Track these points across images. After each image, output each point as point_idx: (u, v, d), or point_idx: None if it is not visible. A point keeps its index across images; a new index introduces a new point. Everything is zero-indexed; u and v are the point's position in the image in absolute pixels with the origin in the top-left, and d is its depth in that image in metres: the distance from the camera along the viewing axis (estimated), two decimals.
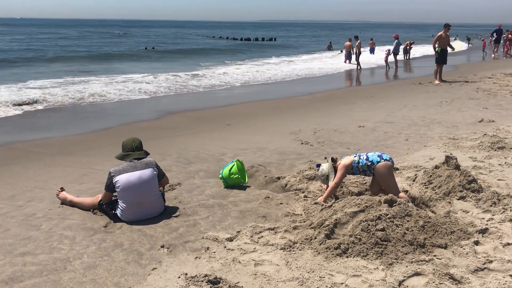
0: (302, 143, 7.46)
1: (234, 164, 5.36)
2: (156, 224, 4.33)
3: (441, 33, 15.34)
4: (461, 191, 4.48)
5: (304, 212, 4.40)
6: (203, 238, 3.97)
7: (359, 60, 22.78)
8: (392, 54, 22.91)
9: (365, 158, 4.64)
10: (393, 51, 22.98)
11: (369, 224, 3.60)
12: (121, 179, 4.36)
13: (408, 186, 4.95)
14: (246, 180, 5.49)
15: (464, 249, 3.46)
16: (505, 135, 7.29)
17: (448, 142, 7.14)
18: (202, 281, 3.19)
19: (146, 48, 38.07)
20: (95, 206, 4.66)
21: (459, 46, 15.85)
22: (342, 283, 3.12)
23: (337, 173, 4.68)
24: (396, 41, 23.22)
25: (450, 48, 15.66)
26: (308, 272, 3.28)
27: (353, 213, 3.78)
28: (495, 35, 28.60)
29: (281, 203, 4.77)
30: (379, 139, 7.60)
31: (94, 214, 4.63)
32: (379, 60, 25.41)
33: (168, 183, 5.02)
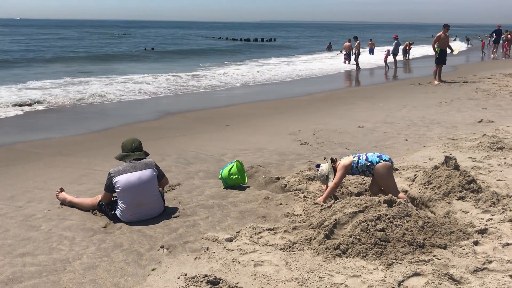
0: (302, 144, 7.47)
1: (233, 165, 5.36)
2: (155, 225, 4.33)
3: (440, 33, 15.35)
4: (460, 192, 4.49)
5: (304, 213, 4.40)
6: (202, 239, 3.97)
7: (358, 61, 22.81)
8: (391, 54, 22.94)
9: (364, 158, 4.64)
10: (392, 52, 23.00)
11: (368, 225, 3.61)
12: (120, 179, 4.37)
13: (408, 186, 4.95)
14: (246, 181, 5.49)
15: (464, 249, 3.46)
16: (504, 135, 7.29)
17: (447, 142, 7.14)
18: (202, 281, 3.19)
19: (145, 49, 38.06)
20: (95, 207, 4.66)
21: (458, 48, 15.83)
22: (342, 284, 3.12)
23: (336, 173, 4.68)
24: (395, 41, 23.25)
25: (450, 49, 15.66)
26: (308, 273, 3.28)
27: (352, 213, 3.79)
28: (494, 35, 28.65)
29: (280, 204, 4.77)
30: (379, 140, 7.60)
31: (94, 214, 4.63)
32: (379, 61, 25.42)
33: (167, 184, 5.02)
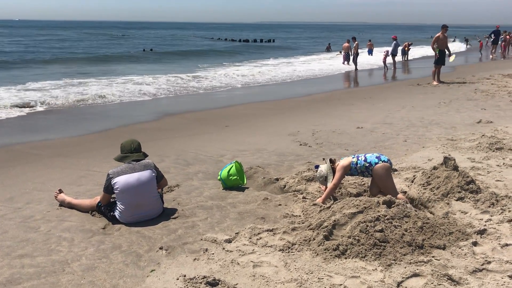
0: (301, 144, 7.47)
1: (232, 166, 5.35)
2: (154, 226, 4.32)
3: (439, 34, 15.36)
4: (459, 192, 4.49)
5: (303, 214, 4.40)
6: (201, 240, 3.97)
7: (357, 62, 22.82)
8: (390, 55, 22.96)
9: (363, 159, 4.64)
10: (391, 52, 23.02)
11: (367, 225, 3.61)
12: (119, 180, 4.36)
13: (407, 187, 4.95)
14: (245, 182, 5.49)
15: (463, 250, 3.46)
16: (503, 136, 7.30)
17: (446, 143, 7.15)
18: (201, 282, 3.19)
19: (144, 50, 38.07)
20: (94, 208, 4.66)
21: (453, 57, 15.96)
22: (341, 285, 3.12)
23: (335, 174, 4.68)
24: (394, 42, 23.28)
25: (448, 51, 15.65)
26: (307, 274, 3.28)
27: (351, 214, 3.79)
28: (493, 36, 28.72)
29: (279, 205, 4.77)
30: (378, 140, 7.61)
31: (93, 216, 4.62)
32: (378, 61, 25.45)
33: (166, 185, 5.01)
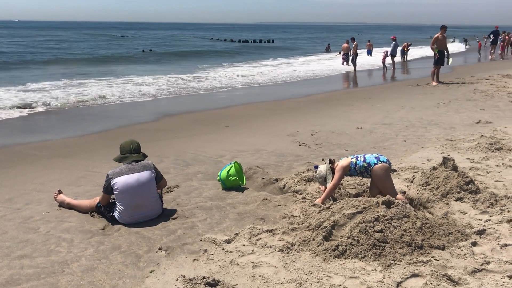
0: (300, 145, 7.47)
1: (232, 166, 5.35)
2: (154, 227, 4.32)
3: (438, 34, 15.38)
4: (458, 192, 4.49)
5: (302, 214, 4.40)
6: (201, 241, 3.97)
7: (356, 62, 22.82)
8: (389, 55, 22.97)
9: (362, 159, 4.65)
10: (390, 53, 23.03)
11: (367, 226, 3.61)
12: (119, 181, 4.36)
13: (406, 187, 4.95)
14: (244, 182, 5.49)
15: (462, 250, 3.47)
16: (502, 136, 7.31)
17: (445, 143, 7.15)
18: (200, 283, 3.19)
19: (143, 51, 38.05)
20: (93, 209, 4.65)
21: (451, 60, 16.05)
22: (340, 285, 3.12)
23: (334, 174, 4.69)
24: (393, 42, 23.28)
25: (447, 52, 15.66)
26: (306, 274, 3.28)
27: (351, 214, 3.79)
28: (492, 36, 28.74)
29: (279, 205, 4.77)
30: (377, 141, 7.61)
31: (92, 216, 4.62)
32: (377, 62, 25.46)
33: (166, 186, 5.01)
